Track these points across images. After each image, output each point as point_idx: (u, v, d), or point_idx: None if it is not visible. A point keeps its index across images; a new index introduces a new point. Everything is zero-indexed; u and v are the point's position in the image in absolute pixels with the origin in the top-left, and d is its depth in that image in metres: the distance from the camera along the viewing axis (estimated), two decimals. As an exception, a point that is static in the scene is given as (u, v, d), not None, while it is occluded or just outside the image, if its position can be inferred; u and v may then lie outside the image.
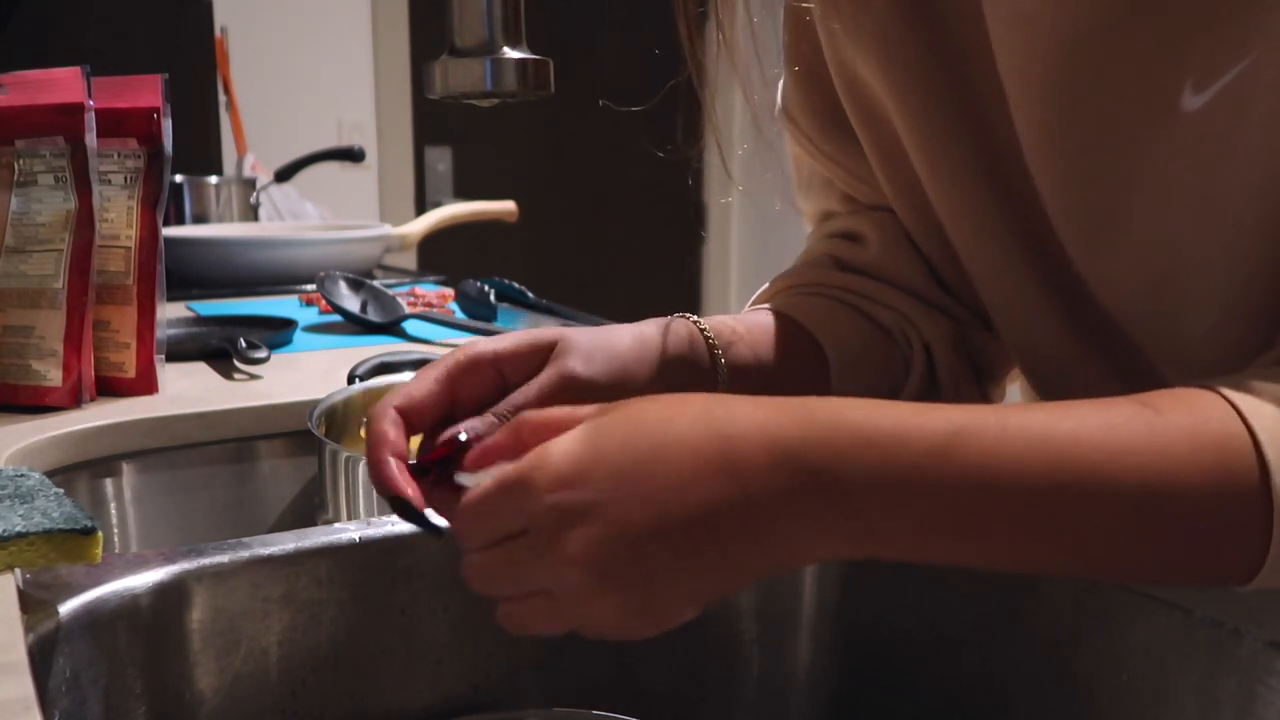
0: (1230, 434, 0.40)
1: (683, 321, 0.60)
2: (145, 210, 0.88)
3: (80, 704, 0.51)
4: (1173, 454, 0.40)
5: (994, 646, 0.60)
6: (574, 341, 0.53)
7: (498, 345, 0.53)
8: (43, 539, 0.49)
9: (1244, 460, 0.39)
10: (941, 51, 0.60)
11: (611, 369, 0.53)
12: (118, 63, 0.96)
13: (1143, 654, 0.52)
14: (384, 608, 0.60)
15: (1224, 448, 0.40)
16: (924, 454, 0.39)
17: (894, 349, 0.67)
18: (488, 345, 0.53)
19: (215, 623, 0.56)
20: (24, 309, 0.83)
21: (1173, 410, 0.41)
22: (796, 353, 0.64)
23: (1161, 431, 0.40)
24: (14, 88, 0.84)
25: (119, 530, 0.82)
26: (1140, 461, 0.39)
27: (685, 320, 0.60)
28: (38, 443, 0.74)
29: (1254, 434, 0.40)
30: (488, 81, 0.63)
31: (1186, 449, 0.40)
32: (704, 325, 0.60)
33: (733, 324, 0.62)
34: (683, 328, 0.59)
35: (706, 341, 0.60)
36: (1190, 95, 0.49)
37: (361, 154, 2.15)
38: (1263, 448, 0.39)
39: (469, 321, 1.20)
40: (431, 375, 0.51)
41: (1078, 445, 0.40)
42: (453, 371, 0.51)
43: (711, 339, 0.60)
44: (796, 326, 0.65)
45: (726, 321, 0.62)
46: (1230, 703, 0.48)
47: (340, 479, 0.70)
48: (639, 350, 0.56)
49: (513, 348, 0.53)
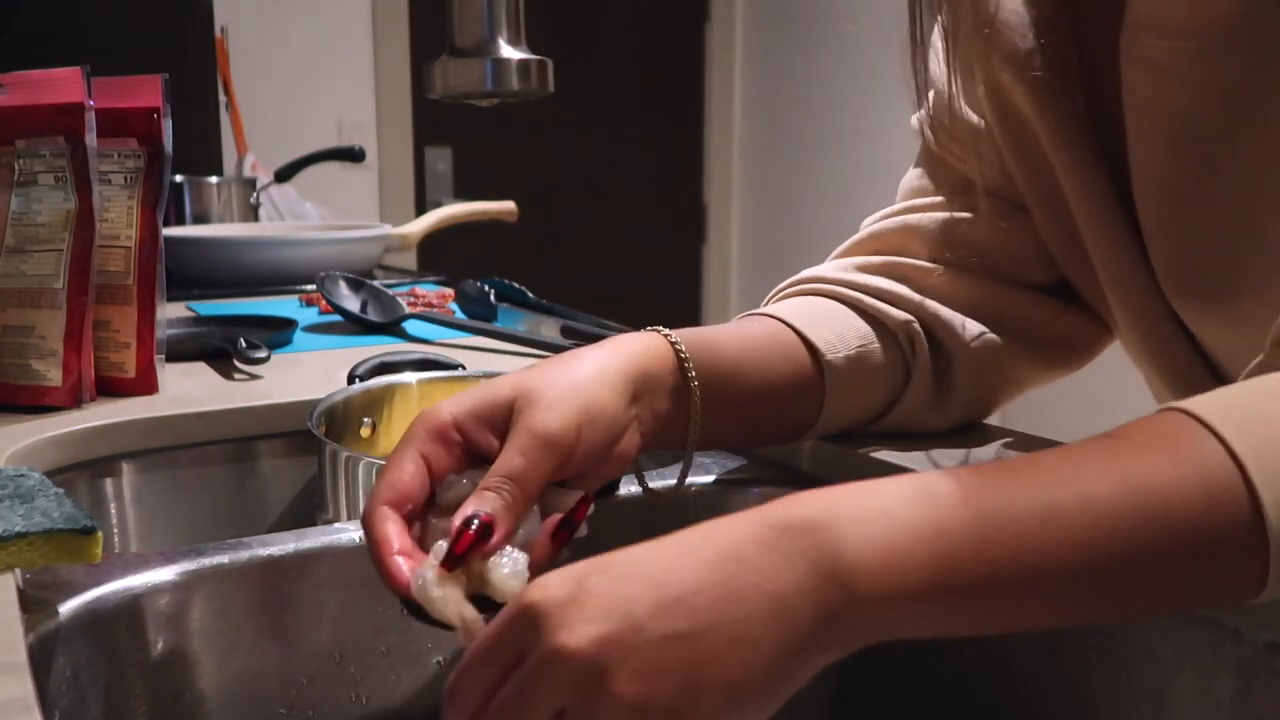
0: (1203, 446, 0.39)
1: (650, 336, 0.58)
2: (145, 210, 0.88)
3: (80, 704, 0.51)
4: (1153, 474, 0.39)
5: (994, 646, 0.60)
6: (534, 392, 0.51)
7: (455, 409, 0.50)
8: (43, 539, 0.49)
9: (1223, 470, 0.38)
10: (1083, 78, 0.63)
11: (578, 406, 0.51)
12: (118, 63, 0.96)
13: (1143, 654, 0.52)
14: (384, 608, 0.60)
15: (1202, 462, 0.39)
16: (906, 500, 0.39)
17: (896, 353, 0.67)
18: (446, 410, 0.51)
19: (215, 623, 0.56)
20: (24, 309, 0.83)
21: (1140, 435, 0.41)
22: (781, 356, 0.63)
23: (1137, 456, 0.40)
24: (14, 88, 0.84)
25: (119, 530, 0.82)
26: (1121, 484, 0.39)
27: (655, 334, 0.58)
28: (38, 443, 0.74)
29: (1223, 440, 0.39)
30: (488, 81, 0.63)
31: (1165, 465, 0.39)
32: (673, 336, 0.58)
33: (711, 332, 0.61)
34: (646, 343, 0.57)
35: (675, 352, 0.57)
36: None
37: (361, 154, 2.15)
38: (1239, 457, 0.38)
39: (469, 321, 1.20)
40: (407, 457, 0.49)
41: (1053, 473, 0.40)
42: (424, 448, 0.50)
43: (680, 349, 0.57)
44: (785, 329, 0.64)
45: (703, 331, 0.61)
46: (1230, 703, 0.49)
47: (340, 479, 0.70)
48: (599, 381, 0.53)
49: (470, 409, 0.51)
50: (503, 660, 0.40)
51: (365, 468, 0.68)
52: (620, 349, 0.55)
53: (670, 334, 0.58)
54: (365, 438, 0.81)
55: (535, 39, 0.64)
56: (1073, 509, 0.39)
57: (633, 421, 0.54)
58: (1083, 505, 0.39)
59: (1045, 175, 0.66)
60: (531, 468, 0.48)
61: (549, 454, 0.49)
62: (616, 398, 0.53)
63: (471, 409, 0.51)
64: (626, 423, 0.54)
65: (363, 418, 0.81)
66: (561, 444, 0.49)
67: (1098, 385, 1.82)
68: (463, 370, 0.89)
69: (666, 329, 0.58)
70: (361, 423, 0.81)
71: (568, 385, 0.51)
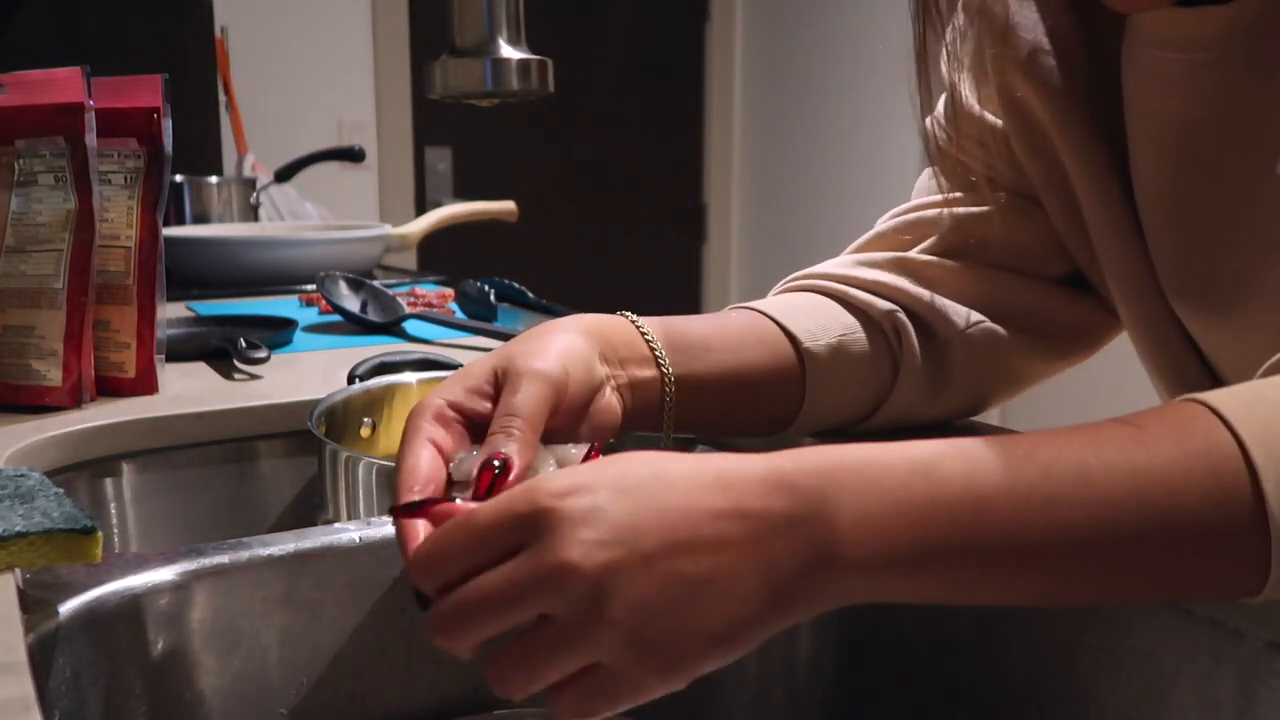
0: (1217, 440, 0.39)
1: (607, 315, 0.60)
2: (145, 210, 0.88)
3: (80, 704, 0.51)
4: (1160, 465, 0.39)
5: (994, 646, 0.60)
6: (514, 354, 0.53)
7: (444, 394, 0.52)
8: (43, 539, 0.49)
9: (1232, 465, 0.39)
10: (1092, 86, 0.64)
11: (558, 350, 0.53)
12: (118, 63, 0.96)
13: (1143, 654, 0.52)
14: (384, 608, 0.60)
15: (1210, 455, 0.39)
16: (910, 473, 0.40)
17: (881, 342, 0.67)
18: (437, 397, 0.52)
19: (215, 623, 0.56)
20: (24, 309, 0.83)
21: (1155, 424, 0.41)
22: (758, 340, 0.64)
23: (1147, 445, 0.40)
24: (14, 88, 0.84)
25: (119, 530, 0.82)
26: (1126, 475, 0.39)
27: (622, 318, 0.60)
28: (38, 443, 0.74)
29: (1240, 439, 0.39)
30: (488, 81, 0.63)
31: (1175, 457, 0.39)
32: (639, 321, 0.60)
33: (678, 318, 0.63)
34: (603, 317, 0.60)
35: (633, 324, 0.60)
36: None
37: (361, 154, 2.15)
38: (1249, 451, 0.39)
39: (469, 321, 1.20)
40: (417, 444, 0.50)
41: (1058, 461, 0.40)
42: (430, 433, 0.50)
43: (636, 320, 0.60)
44: (763, 319, 0.65)
45: (670, 318, 0.62)
46: (1230, 703, 0.49)
47: (340, 479, 0.70)
48: (569, 335, 0.55)
49: (457, 387, 0.52)
50: (499, 548, 0.41)
51: (365, 468, 0.68)
52: (576, 319, 0.58)
53: (628, 314, 0.61)
54: (365, 438, 0.81)
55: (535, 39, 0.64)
56: (1074, 487, 0.40)
57: (608, 381, 0.57)
58: (1084, 486, 0.40)
59: (1058, 171, 0.66)
60: (530, 400, 0.50)
61: (544, 386, 0.51)
62: (588, 347, 0.56)
63: (459, 387, 0.52)
64: (602, 377, 0.56)
65: (363, 418, 0.81)
66: (553, 377, 0.52)
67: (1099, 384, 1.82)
68: (463, 370, 0.89)
69: (628, 313, 0.61)
70: (361, 423, 0.81)
71: (542, 341, 0.54)
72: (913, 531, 0.40)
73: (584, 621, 0.39)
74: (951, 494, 0.40)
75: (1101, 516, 0.39)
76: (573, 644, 0.40)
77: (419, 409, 0.52)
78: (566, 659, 0.40)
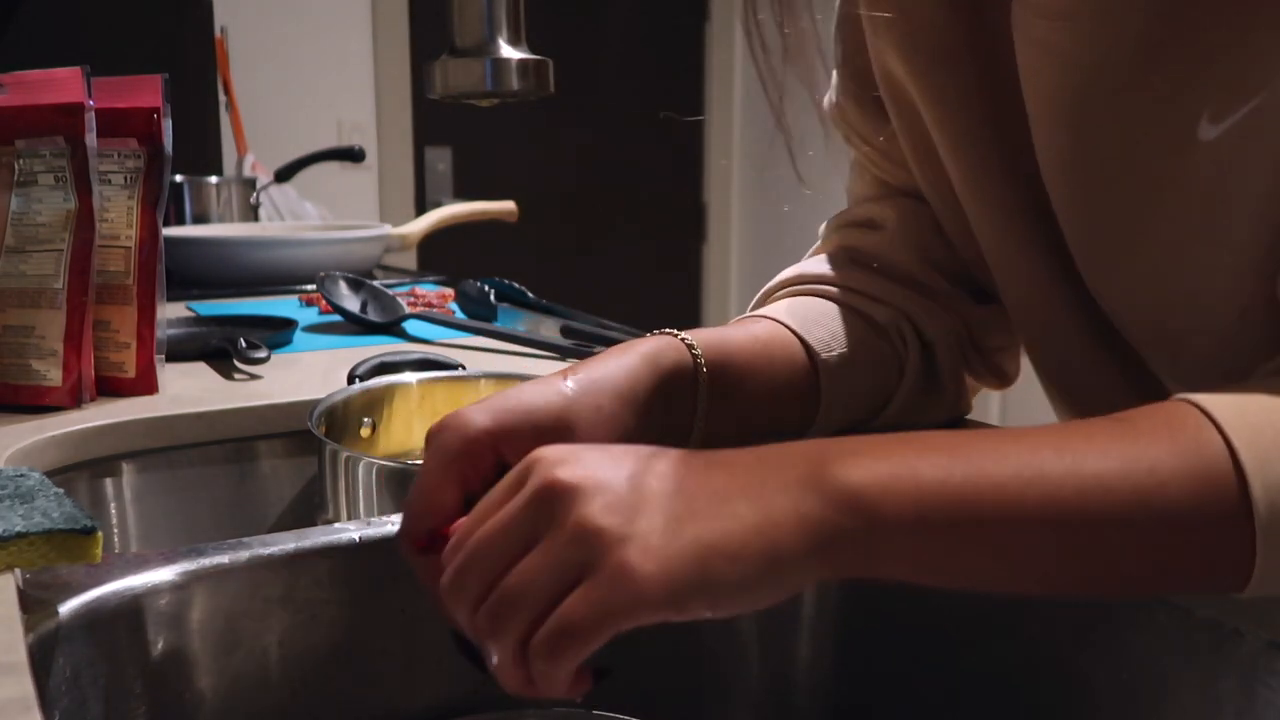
0: (1206, 440, 0.40)
1: (673, 344, 0.58)
2: (145, 210, 0.88)
3: (80, 704, 0.51)
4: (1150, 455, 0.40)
5: (994, 646, 0.60)
6: (575, 419, 0.51)
7: (491, 424, 0.49)
8: (43, 539, 0.49)
9: (1220, 464, 0.39)
10: (975, 56, 0.62)
11: (616, 432, 0.52)
12: (118, 63, 0.96)
13: (1143, 654, 0.52)
14: (384, 608, 0.60)
15: (1200, 453, 0.40)
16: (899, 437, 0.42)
17: (888, 348, 0.67)
18: (479, 421, 0.49)
19: (215, 623, 0.56)
20: (24, 309, 0.83)
21: (1146, 421, 0.42)
22: (786, 359, 0.63)
23: (1138, 438, 0.41)
24: (14, 88, 0.84)
25: (119, 530, 0.82)
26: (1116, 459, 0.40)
27: (676, 341, 0.58)
28: (38, 443, 0.74)
29: (1229, 441, 0.40)
30: (488, 81, 0.63)
31: (1165, 451, 0.40)
32: (692, 344, 0.58)
33: (721, 338, 0.61)
34: (674, 357, 0.57)
35: (693, 358, 0.58)
36: (1207, 126, 0.50)
37: (361, 154, 2.15)
38: (1237, 451, 0.39)
39: (469, 321, 1.20)
40: (441, 477, 0.48)
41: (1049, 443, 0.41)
42: (455, 466, 0.48)
43: (698, 354, 0.58)
44: (782, 330, 0.64)
45: (716, 336, 0.61)
46: (1230, 703, 0.49)
47: (340, 479, 0.70)
48: (631, 395, 0.54)
49: (513, 428, 0.49)
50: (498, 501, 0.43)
51: (365, 468, 0.68)
52: (649, 361, 0.56)
53: (689, 339, 0.58)
54: (365, 438, 0.81)
55: (535, 39, 0.64)
56: (1063, 464, 0.40)
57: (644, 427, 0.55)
58: (1074, 464, 0.40)
59: (937, 161, 0.66)
60: None
61: None
62: (640, 418, 0.54)
63: (514, 427, 0.49)
64: (642, 427, 0.55)
65: (363, 418, 0.81)
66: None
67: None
68: (463, 370, 0.89)
69: (684, 334, 0.59)
70: (361, 423, 0.81)
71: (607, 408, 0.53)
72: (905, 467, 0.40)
73: (568, 525, 0.40)
74: (942, 444, 0.41)
75: (1090, 494, 0.40)
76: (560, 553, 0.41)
77: (453, 429, 0.49)
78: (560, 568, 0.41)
